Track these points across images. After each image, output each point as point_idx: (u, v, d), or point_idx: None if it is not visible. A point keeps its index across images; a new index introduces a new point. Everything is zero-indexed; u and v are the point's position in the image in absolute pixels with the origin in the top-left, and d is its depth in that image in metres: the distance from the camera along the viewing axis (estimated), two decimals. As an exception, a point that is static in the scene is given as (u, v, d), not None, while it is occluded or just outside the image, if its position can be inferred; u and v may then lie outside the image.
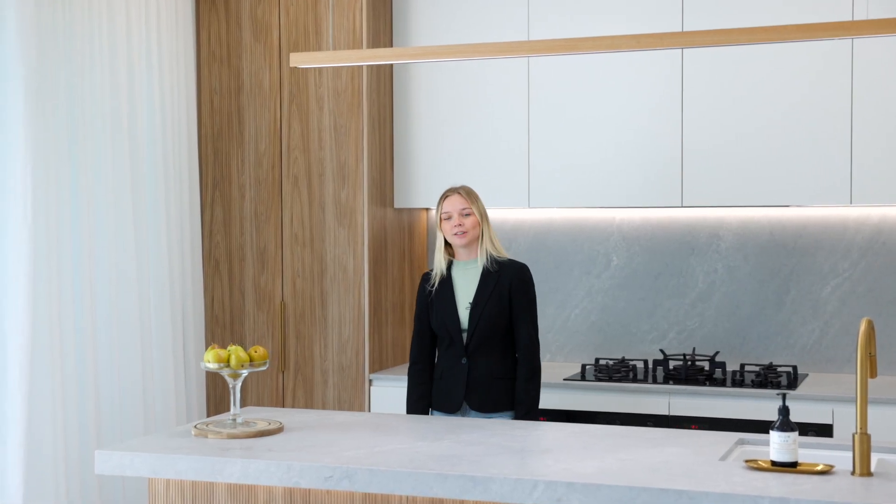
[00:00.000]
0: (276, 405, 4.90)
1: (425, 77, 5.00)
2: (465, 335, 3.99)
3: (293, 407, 4.89)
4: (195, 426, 3.50)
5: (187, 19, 4.88)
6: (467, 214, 4.00)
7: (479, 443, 3.37)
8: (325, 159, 4.86)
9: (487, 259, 4.01)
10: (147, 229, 4.59)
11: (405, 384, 4.75)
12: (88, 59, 4.29)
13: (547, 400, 4.58)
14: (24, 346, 3.91)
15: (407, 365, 4.69)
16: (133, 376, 4.47)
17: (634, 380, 4.61)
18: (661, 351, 4.78)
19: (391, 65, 5.03)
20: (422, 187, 5.02)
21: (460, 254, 4.06)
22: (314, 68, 4.84)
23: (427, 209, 5.29)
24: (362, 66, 4.80)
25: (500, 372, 4.00)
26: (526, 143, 4.88)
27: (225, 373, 3.52)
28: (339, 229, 4.85)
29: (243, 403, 4.95)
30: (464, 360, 4.00)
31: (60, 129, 4.14)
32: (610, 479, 2.87)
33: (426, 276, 4.09)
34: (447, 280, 4.02)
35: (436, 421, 3.71)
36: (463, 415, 4.04)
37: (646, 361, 4.81)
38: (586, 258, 5.10)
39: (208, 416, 4.92)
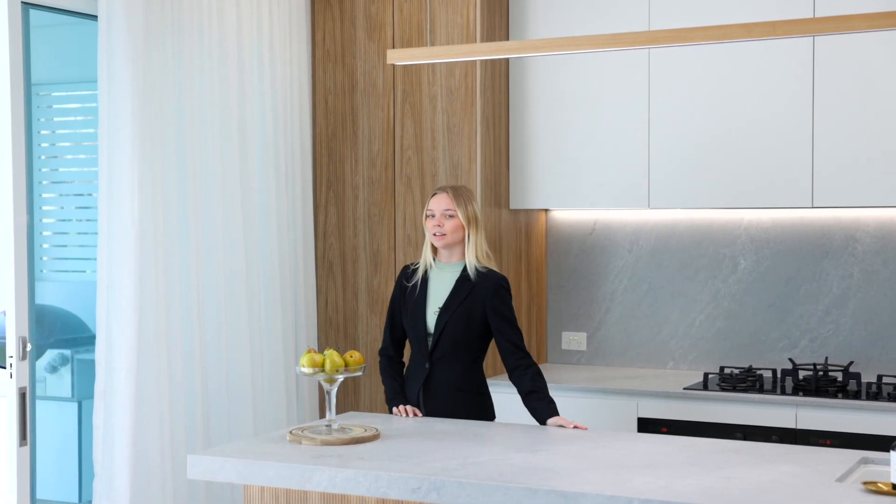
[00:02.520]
0: (388, 411, 4.82)
1: (542, 74, 4.84)
2: (430, 340, 3.84)
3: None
4: (290, 431, 3.45)
5: (300, 19, 4.85)
6: (450, 216, 3.81)
7: (577, 455, 3.21)
8: (438, 159, 4.76)
9: (469, 266, 3.83)
10: (258, 231, 4.58)
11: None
12: (198, 61, 4.29)
13: (665, 410, 4.38)
14: (132, 349, 3.93)
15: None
16: (242, 379, 4.46)
17: (760, 390, 4.36)
18: (791, 360, 4.51)
19: (507, 62, 4.89)
20: (539, 188, 4.87)
21: (442, 255, 3.90)
22: (427, 67, 4.75)
23: (546, 210, 5.13)
24: (476, 63, 4.68)
25: (459, 383, 3.83)
26: (646, 141, 4.67)
27: (320, 378, 3.46)
28: (451, 231, 4.73)
29: (356, 406, 4.89)
30: (426, 366, 3.85)
31: (168, 132, 4.15)
32: (709, 500, 2.68)
33: (405, 270, 3.97)
34: (423, 280, 3.88)
35: (537, 431, 3.56)
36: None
37: (774, 371, 4.54)
38: (712, 261, 4.86)
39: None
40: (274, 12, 4.67)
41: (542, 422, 3.70)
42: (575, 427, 3.63)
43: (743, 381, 4.44)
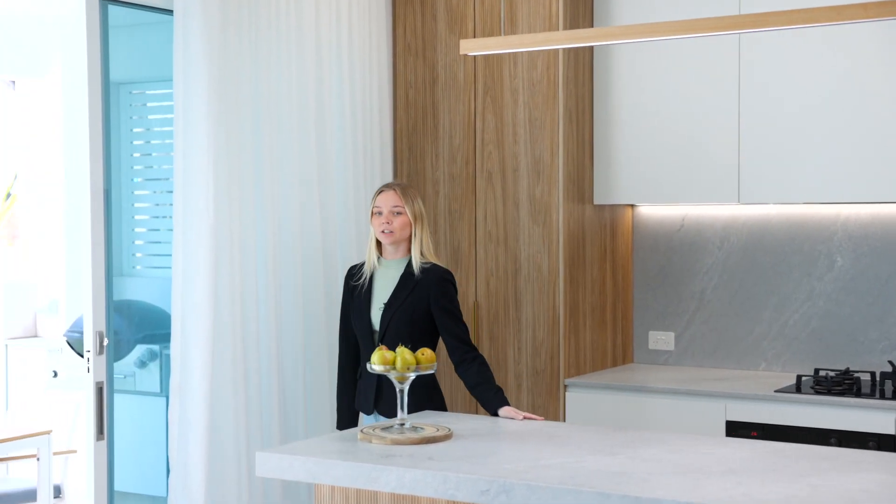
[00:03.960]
0: (468, 409, 4.74)
1: (627, 64, 4.70)
2: (376, 337, 3.80)
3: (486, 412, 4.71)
4: (361, 430, 3.39)
5: (381, 12, 4.80)
6: (398, 213, 3.80)
7: (655, 459, 3.08)
8: (520, 154, 4.66)
9: (414, 262, 3.80)
10: (335, 226, 4.53)
11: (604, 391, 4.50)
12: (275, 55, 4.26)
13: (755, 413, 4.20)
14: (207, 345, 3.92)
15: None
16: (319, 376, 4.42)
17: (858, 394, 4.15)
18: (891, 363, 4.29)
19: (590, 53, 4.76)
20: (624, 182, 4.73)
21: (387, 252, 3.86)
22: (509, 60, 4.64)
23: (632, 206, 4.98)
24: (558, 55, 4.56)
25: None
26: (736, 132, 4.49)
27: (392, 375, 3.39)
28: (533, 227, 4.63)
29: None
30: None
31: (245, 126, 4.13)
32: (790, 510, 2.53)
33: (350, 271, 3.92)
34: (369, 278, 3.84)
35: (614, 433, 3.44)
36: (376, 420, 3.84)
37: (872, 374, 4.33)
38: (806, 259, 4.66)
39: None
40: (353, 6, 4.62)
41: (494, 412, 3.67)
42: (525, 418, 3.60)
43: (839, 385, 4.24)
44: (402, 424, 3.39)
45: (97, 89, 3.81)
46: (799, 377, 4.33)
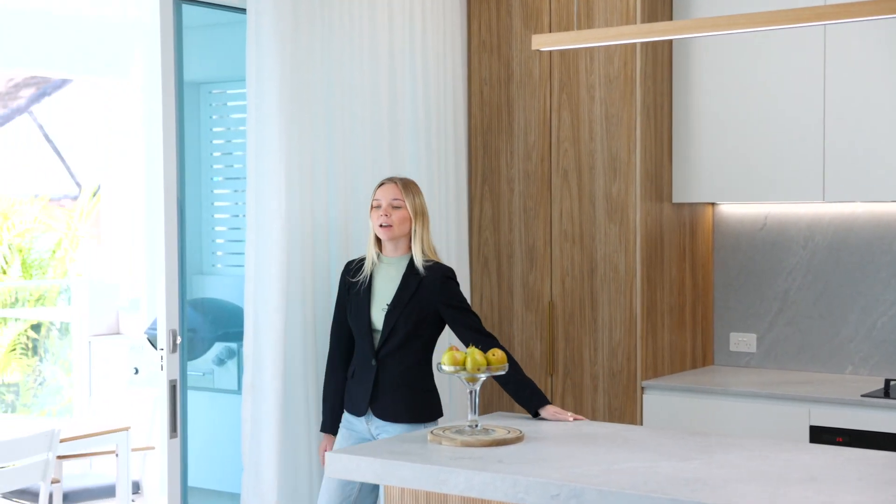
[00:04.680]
0: (544, 410, 4.67)
1: (707, 59, 4.58)
2: (377, 337, 3.69)
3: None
4: (431, 431, 3.35)
5: (455, 9, 4.75)
6: (397, 207, 3.68)
7: (732, 465, 2.98)
8: (596, 151, 4.57)
9: (416, 261, 3.68)
10: (409, 225, 4.49)
11: (682, 393, 4.39)
12: (347, 51, 4.24)
13: (840, 419, 4.06)
14: (278, 343, 3.91)
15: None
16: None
17: (949, 399, 4.00)
18: (984, 367, 4.12)
19: (669, 48, 4.65)
20: (704, 180, 4.61)
21: (386, 248, 3.75)
22: (585, 55, 4.56)
23: (712, 204, 4.86)
24: (636, 50, 4.46)
25: (411, 380, 3.68)
26: (821, 128, 4.35)
27: (462, 376, 3.34)
28: (609, 226, 4.54)
29: (510, 406, 4.75)
30: (373, 363, 3.69)
31: (317, 124, 4.11)
32: (873, 521, 2.42)
33: (348, 266, 3.81)
34: (368, 275, 3.73)
35: (690, 437, 3.34)
36: (368, 421, 3.71)
37: (965, 378, 4.16)
38: (895, 258, 4.49)
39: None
40: (427, 3, 4.58)
41: (535, 413, 3.57)
42: (575, 419, 3.53)
43: (929, 389, 4.08)
44: (473, 426, 3.34)
45: (171, 89, 3.82)
46: (887, 381, 4.17)
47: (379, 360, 3.70)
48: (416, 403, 3.71)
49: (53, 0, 6.24)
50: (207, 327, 6.02)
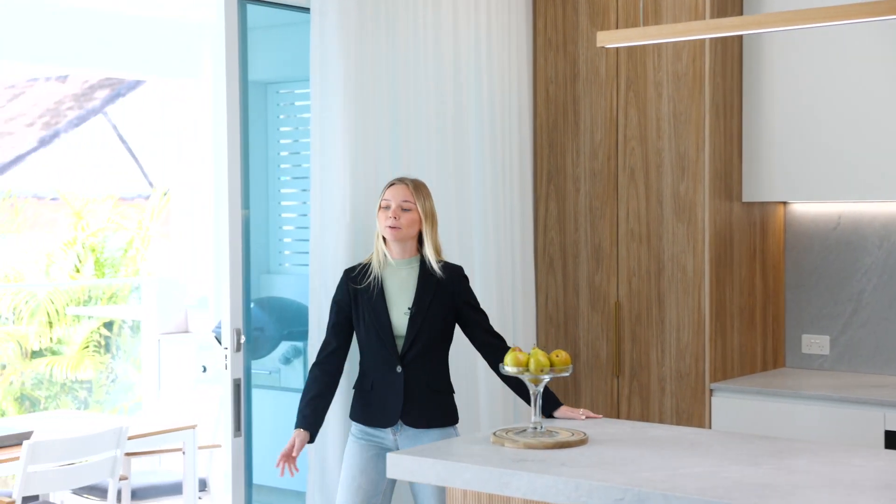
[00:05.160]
0: (610, 412, 4.61)
1: (779, 54, 4.48)
2: (401, 342, 3.56)
3: (627, 415, 4.58)
4: (494, 433, 3.31)
5: (520, 8, 4.71)
6: (407, 209, 3.57)
7: (803, 471, 2.90)
8: (664, 149, 4.49)
9: (431, 262, 3.59)
10: (472, 225, 4.46)
11: (752, 396, 4.30)
12: (412, 49, 4.22)
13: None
14: (342, 343, 3.90)
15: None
16: (455, 377, 4.34)
17: None
18: None
19: (739, 44, 4.56)
20: (776, 178, 4.51)
21: (392, 251, 3.62)
22: (653, 52, 4.49)
23: (784, 203, 4.75)
24: (705, 46, 4.38)
25: (437, 385, 3.60)
26: (897, 126, 4.23)
27: (525, 377, 3.30)
28: (677, 225, 4.46)
29: (576, 407, 4.69)
30: (398, 369, 3.56)
31: (381, 123, 4.10)
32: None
33: (349, 273, 3.66)
34: (378, 280, 3.59)
35: (760, 441, 3.26)
36: (396, 431, 3.59)
37: None
38: (975, 259, 4.36)
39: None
40: (492, 1, 4.54)
41: (549, 415, 3.52)
42: (587, 416, 3.50)
43: None
44: (536, 428, 3.30)
45: (235, 88, 3.84)
46: (966, 386, 4.05)
47: (405, 367, 3.57)
48: (448, 407, 3.65)
49: (127, 2, 6.32)
50: (274, 326, 6.04)
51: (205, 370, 6.42)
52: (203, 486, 5.13)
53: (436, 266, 3.61)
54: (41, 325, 8.53)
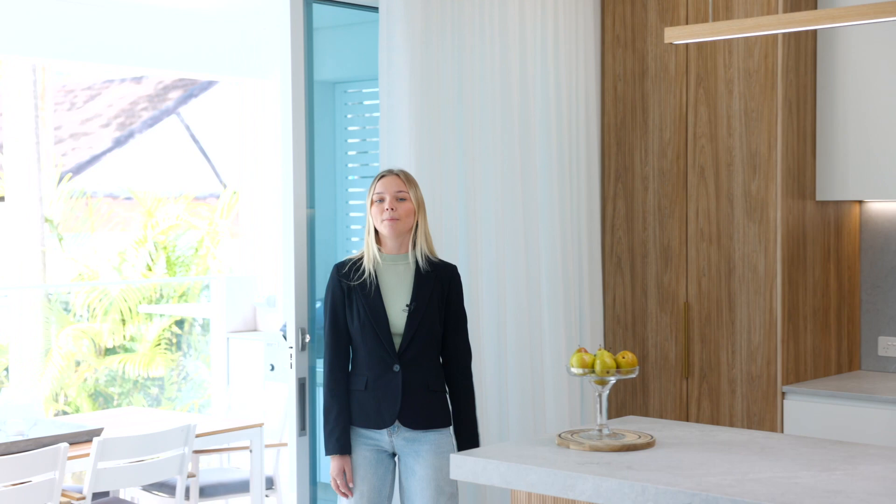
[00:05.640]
0: (679, 414, 4.54)
1: (855, 49, 4.37)
2: (398, 340, 3.42)
3: (697, 418, 4.50)
4: (559, 435, 3.27)
5: (588, 5, 4.65)
6: (402, 199, 3.43)
7: (878, 477, 2.82)
8: (734, 147, 4.41)
9: (421, 256, 3.45)
10: (539, 224, 4.42)
11: (826, 399, 4.20)
12: (478, 47, 4.19)
13: None
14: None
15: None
16: (521, 378, 4.32)
17: None
18: None
19: (814, 39, 4.46)
20: (850, 177, 4.40)
21: (387, 246, 3.48)
22: (723, 48, 4.41)
23: (860, 202, 4.63)
24: (777, 42, 4.29)
25: (435, 384, 3.47)
26: (978, 122, 4.10)
27: (590, 379, 3.25)
28: (748, 224, 4.38)
29: (643, 409, 4.64)
30: (396, 368, 3.42)
31: (447, 122, 4.08)
32: None
33: (340, 269, 3.49)
34: (373, 276, 3.44)
35: (835, 446, 3.18)
36: (392, 432, 3.45)
37: None
38: None
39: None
40: (559, -2, 4.50)
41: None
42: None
43: None
44: (601, 430, 3.25)
45: (300, 88, 3.85)
46: None
47: (403, 365, 3.44)
48: (444, 407, 3.51)
49: (201, 2, 6.39)
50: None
51: (272, 368, 6.46)
52: (270, 483, 5.15)
53: (429, 260, 3.48)
54: (114, 322, 8.67)
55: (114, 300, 8.67)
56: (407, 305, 3.44)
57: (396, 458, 3.52)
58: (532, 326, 4.35)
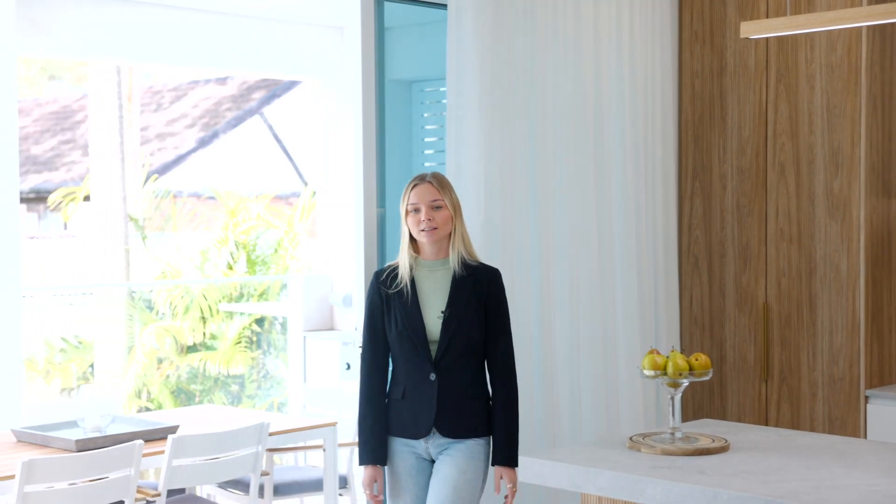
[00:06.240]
0: (757, 418, 4.43)
1: (943, 43, 4.23)
2: (434, 347, 3.29)
3: (777, 422, 4.39)
4: (630, 438, 3.21)
5: (664, 0, 4.57)
6: (438, 207, 3.29)
7: (962, 488, 2.71)
8: (816, 145, 4.29)
9: (458, 261, 3.31)
10: (613, 223, 4.35)
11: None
12: (551, 47, 4.14)
13: None
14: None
15: None
16: (594, 379, 4.26)
17: None
18: None
19: (899, 32, 4.32)
20: (938, 174, 4.26)
21: (426, 252, 3.35)
22: (805, 43, 4.29)
23: (948, 200, 4.48)
24: (861, 36, 4.16)
25: (474, 392, 3.32)
26: None
27: (662, 381, 3.19)
28: (830, 223, 4.26)
29: (721, 413, 4.54)
30: (432, 377, 3.29)
31: (517, 121, 4.04)
32: None
33: (378, 277, 3.39)
34: (410, 283, 3.32)
35: (917, 454, 3.07)
36: (428, 440, 3.32)
37: None
38: None
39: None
40: (635, -7, 4.43)
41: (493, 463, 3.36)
42: (509, 494, 3.31)
43: None
44: (673, 434, 3.18)
45: (371, 87, 3.84)
46: None
47: (440, 374, 3.33)
48: (483, 415, 3.37)
49: (283, 4, 6.45)
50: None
51: (349, 367, 6.48)
52: (343, 483, 5.15)
53: (467, 265, 3.37)
54: (195, 320, 8.78)
55: (195, 298, 8.78)
56: (442, 312, 3.35)
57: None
58: (606, 327, 4.28)
